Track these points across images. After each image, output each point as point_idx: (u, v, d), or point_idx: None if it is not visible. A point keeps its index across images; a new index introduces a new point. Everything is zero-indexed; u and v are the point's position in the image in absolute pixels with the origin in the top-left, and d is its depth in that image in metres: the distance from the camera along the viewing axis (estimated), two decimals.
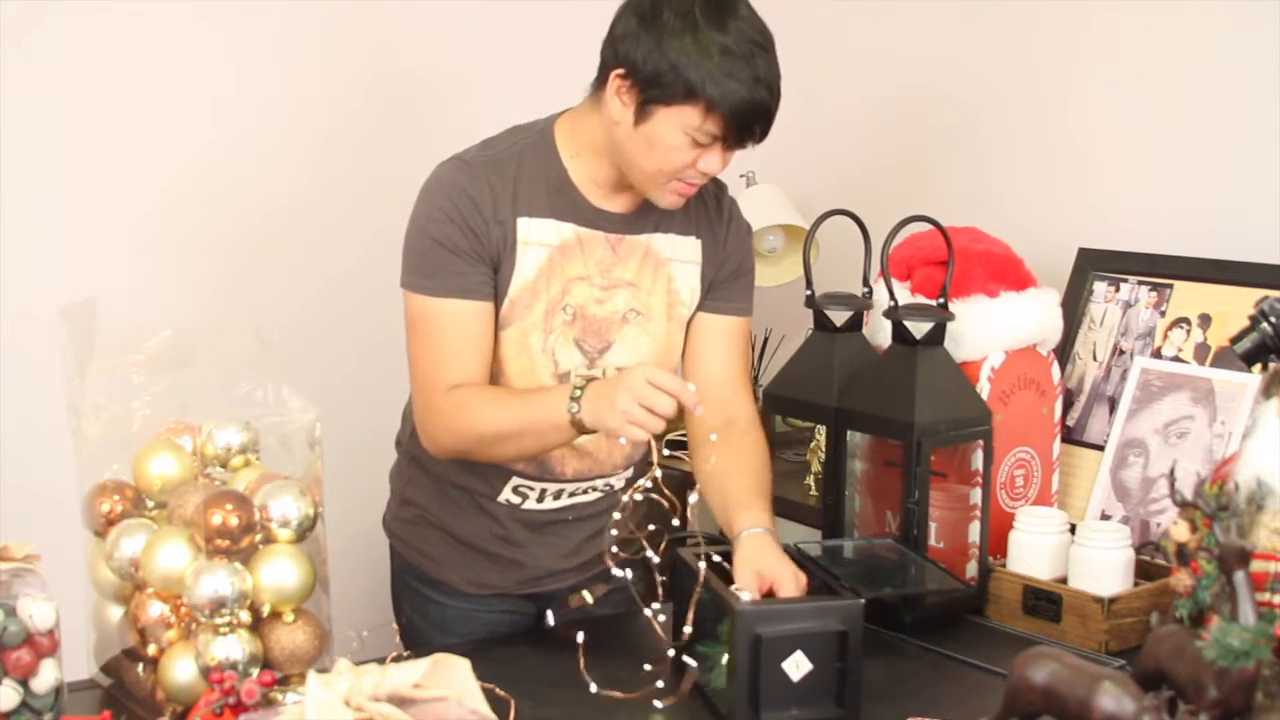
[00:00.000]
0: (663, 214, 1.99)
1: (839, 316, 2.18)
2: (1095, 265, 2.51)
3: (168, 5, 2.65)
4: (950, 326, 2.12)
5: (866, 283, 2.23)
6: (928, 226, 2.19)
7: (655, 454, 1.75)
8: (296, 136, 2.83)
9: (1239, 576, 1.39)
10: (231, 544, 1.59)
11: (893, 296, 2.12)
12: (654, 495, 1.72)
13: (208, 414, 1.73)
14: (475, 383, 1.93)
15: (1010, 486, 2.23)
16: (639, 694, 1.73)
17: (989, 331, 2.21)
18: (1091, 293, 2.50)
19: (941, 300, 2.15)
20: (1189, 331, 2.35)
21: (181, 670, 1.61)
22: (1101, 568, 2.00)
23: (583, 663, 1.74)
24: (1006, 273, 2.28)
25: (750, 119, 1.83)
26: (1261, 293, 1.79)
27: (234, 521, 1.58)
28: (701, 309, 2.06)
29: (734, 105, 1.81)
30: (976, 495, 2.10)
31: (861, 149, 3.08)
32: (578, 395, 1.80)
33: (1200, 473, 2.12)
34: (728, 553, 1.82)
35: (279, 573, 1.61)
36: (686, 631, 1.75)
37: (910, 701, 1.73)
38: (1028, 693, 1.42)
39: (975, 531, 2.10)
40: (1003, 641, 1.98)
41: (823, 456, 2.20)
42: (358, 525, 2.22)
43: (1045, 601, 2.01)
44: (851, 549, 2.09)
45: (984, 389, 2.18)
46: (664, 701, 1.72)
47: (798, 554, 1.92)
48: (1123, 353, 2.42)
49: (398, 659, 1.53)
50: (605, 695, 1.73)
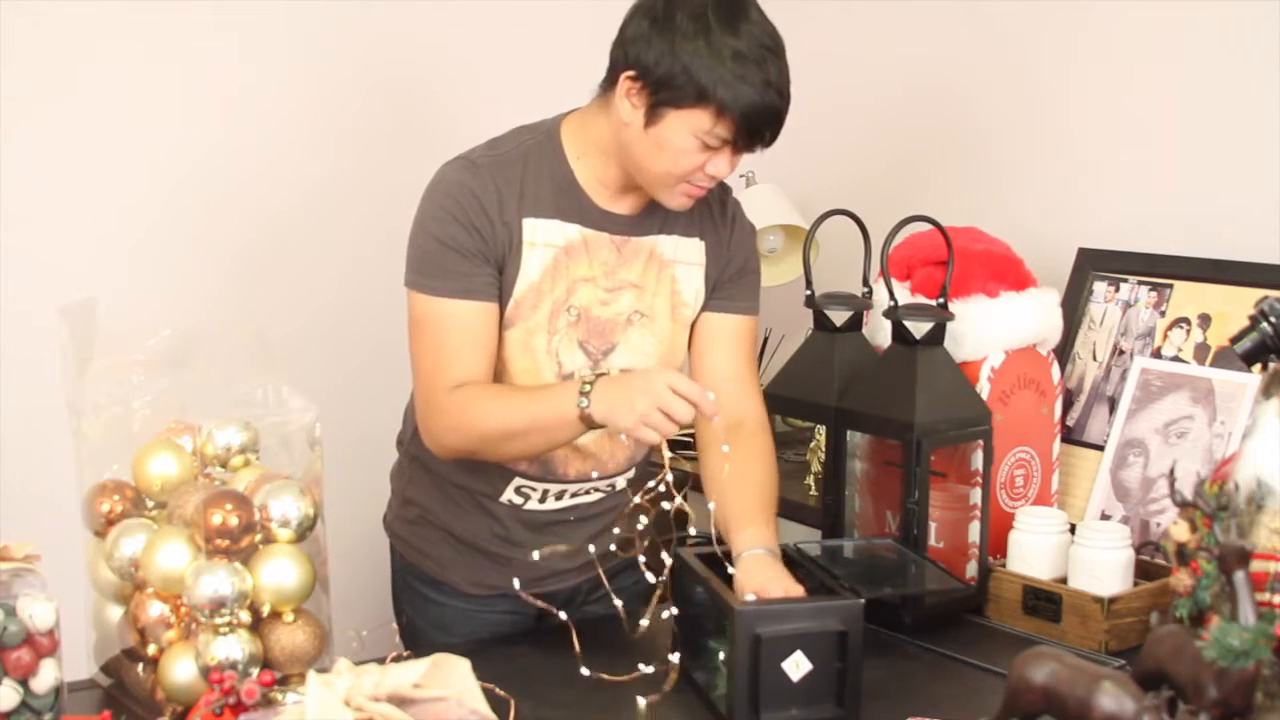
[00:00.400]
0: (667, 215, 1.99)
1: (839, 316, 2.18)
2: (1095, 265, 2.51)
3: (171, 5, 2.65)
4: (950, 326, 2.12)
5: (866, 283, 2.23)
6: (928, 226, 2.19)
7: (665, 457, 1.75)
8: (297, 137, 2.83)
9: (1239, 576, 1.39)
10: (231, 544, 1.59)
11: (893, 296, 2.12)
12: (663, 497, 1.72)
13: (208, 414, 1.73)
14: (479, 382, 1.93)
15: (1010, 486, 2.23)
16: (627, 677, 1.72)
17: (989, 331, 2.21)
18: (1091, 293, 2.50)
19: (941, 300, 2.15)
20: (1189, 331, 2.35)
21: (181, 670, 1.61)
22: (1101, 568, 2.00)
23: (577, 647, 1.75)
24: (1006, 273, 2.28)
25: (761, 123, 1.83)
26: (1261, 293, 1.79)
27: (234, 521, 1.58)
28: (707, 308, 2.06)
29: (745, 109, 1.81)
30: (976, 495, 2.10)
31: (861, 149, 3.08)
32: (587, 390, 1.80)
33: (1200, 473, 2.12)
34: (727, 552, 1.82)
35: (279, 573, 1.61)
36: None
37: (910, 701, 1.73)
38: (1028, 693, 1.42)
39: (975, 531, 2.10)
40: (1003, 641, 1.98)
41: (823, 456, 2.20)
42: (358, 525, 2.22)
43: (1045, 601, 2.01)
44: (851, 549, 2.09)
45: (984, 389, 2.18)
46: (647, 698, 1.71)
47: (797, 554, 1.92)
48: (1123, 353, 2.42)
49: (398, 659, 1.53)
50: (596, 677, 1.73)
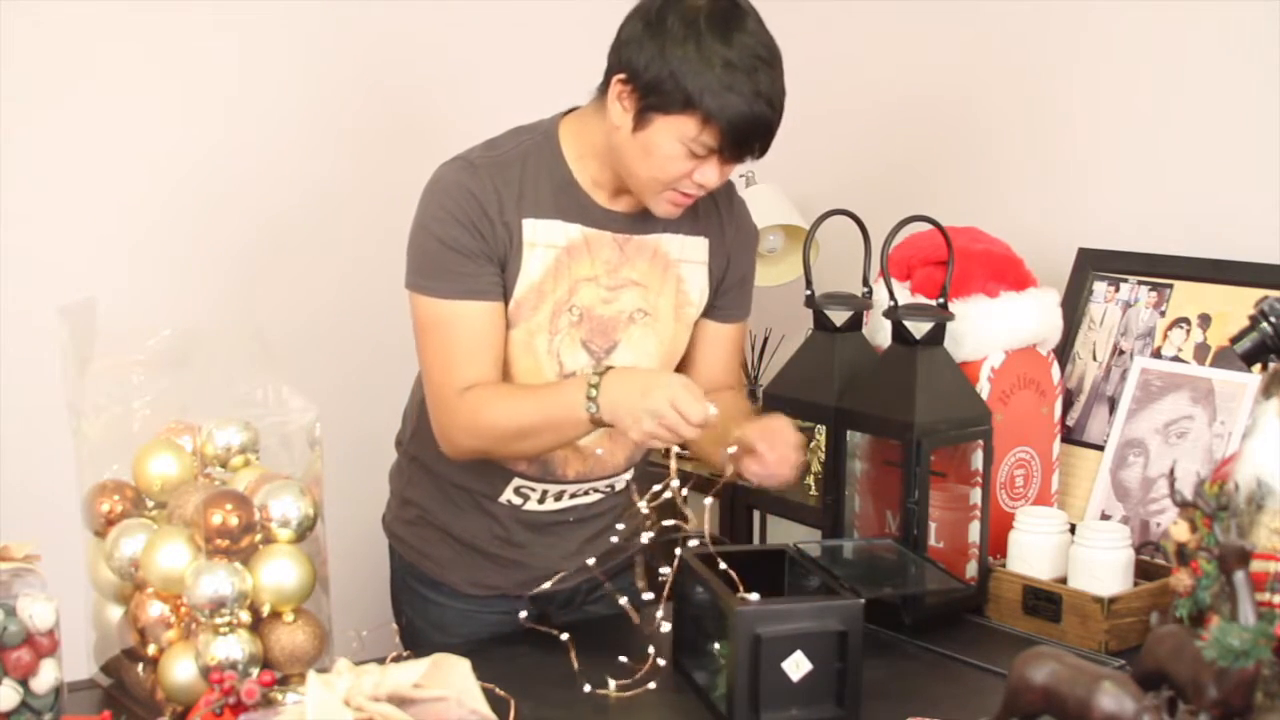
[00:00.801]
0: None
1: (839, 316, 2.18)
2: (1095, 265, 2.51)
3: (171, 6, 2.65)
4: (950, 326, 2.12)
5: (866, 283, 2.23)
6: (928, 226, 2.19)
7: (673, 464, 1.77)
8: (297, 138, 2.83)
9: (1239, 576, 1.39)
10: (231, 544, 1.59)
11: (893, 296, 2.12)
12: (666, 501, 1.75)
13: (208, 414, 1.73)
14: (489, 382, 1.92)
15: (1010, 486, 2.23)
16: (629, 693, 1.75)
17: (989, 331, 2.21)
18: (1091, 293, 2.50)
19: (941, 300, 2.15)
20: (1189, 331, 2.35)
21: (181, 670, 1.60)
22: (1101, 568, 2.00)
23: (575, 665, 1.77)
24: (1006, 273, 2.28)
25: (749, 133, 1.82)
26: (1261, 293, 1.79)
27: (234, 521, 1.58)
28: (704, 315, 2.07)
29: (732, 118, 1.80)
30: (976, 495, 2.10)
31: (861, 149, 3.08)
32: (594, 395, 1.81)
33: (1200, 473, 2.12)
34: (727, 552, 1.82)
35: (279, 573, 1.61)
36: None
37: (910, 701, 1.73)
38: (1028, 693, 1.42)
39: (975, 531, 2.10)
40: (1003, 641, 1.98)
41: (823, 456, 2.20)
42: (358, 525, 2.22)
43: (1045, 601, 2.01)
44: (851, 549, 2.09)
45: (984, 389, 2.18)
46: (630, 690, 1.74)
47: (798, 554, 1.92)
48: (1123, 353, 2.42)
49: (397, 659, 1.53)
50: (599, 694, 1.74)
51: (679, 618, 1.83)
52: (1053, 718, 1.41)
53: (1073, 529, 2.09)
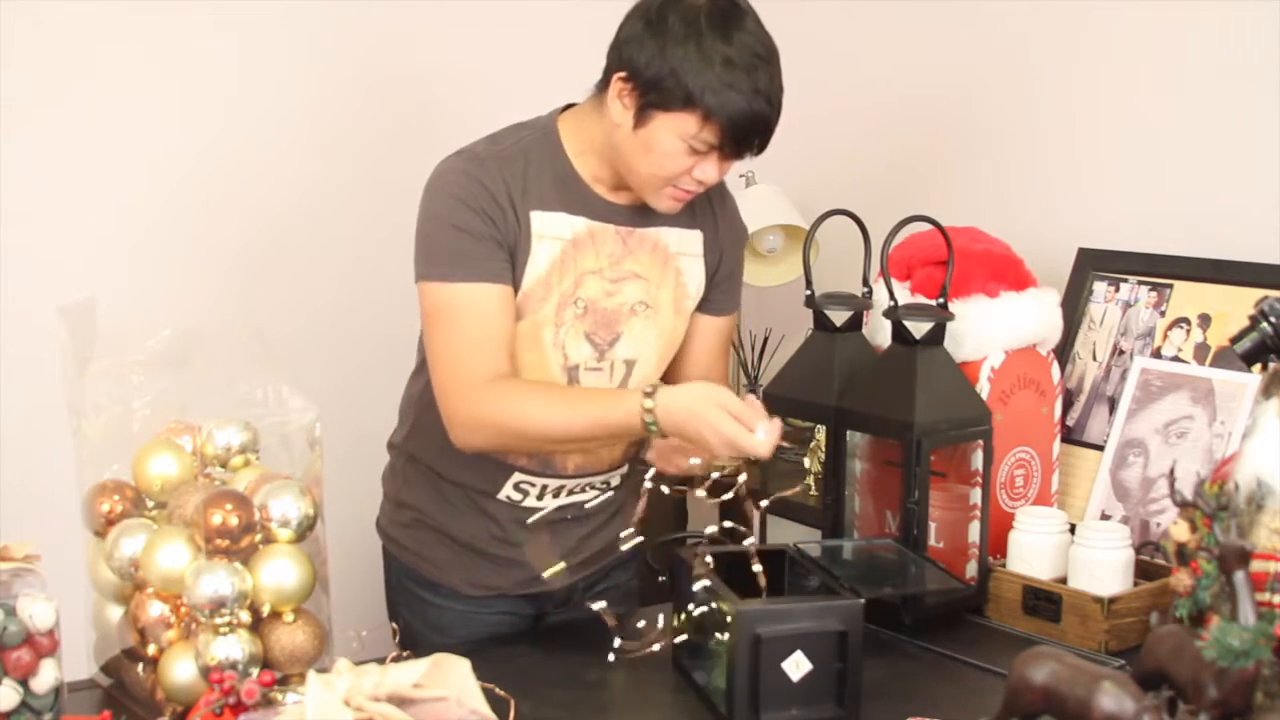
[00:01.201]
0: None
1: (839, 316, 2.18)
2: (1095, 265, 2.51)
3: (171, 6, 2.65)
4: (950, 326, 2.12)
5: (866, 283, 2.23)
6: (928, 226, 2.19)
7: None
8: (297, 138, 2.83)
9: (1239, 576, 1.39)
10: (231, 544, 1.59)
11: (892, 296, 2.12)
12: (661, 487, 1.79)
13: (208, 414, 1.73)
14: (509, 375, 1.91)
15: (1010, 486, 2.23)
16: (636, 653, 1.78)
17: (989, 331, 2.21)
18: (1091, 293, 2.50)
19: (941, 300, 2.15)
20: (1189, 331, 2.35)
21: (181, 670, 1.60)
22: (1101, 568, 2.00)
23: (611, 624, 1.81)
24: (1006, 273, 2.28)
25: (748, 130, 1.84)
26: (1261, 293, 1.79)
27: (234, 521, 1.58)
28: (696, 308, 2.08)
29: (731, 115, 1.81)
30: (976, 495, 2.10)
31: (861, 149, 3.08)
32: (653, 427, 1.81)
33: (1200, 473, 2.12)
34: (726, 552, 1.82)
35: (279, 573, 1.61)
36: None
37: (910, 701, 1.73)
38: (1028, 693, 1.42)
39: (975, 531, 2.10)
40: (1003, 641, 1.98)
41: (823, 456, 2.20)
42: (357, 525, 2.22)
43: (1045, 601, 2.01)
44: (851, 549, 2.09)
45: (984, 389, 2.18)
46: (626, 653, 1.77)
47: (798, 554, 1.92)
48: (1122, 353, 2.42)
49: (397, 659, 1.53)
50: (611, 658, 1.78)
51: (677, 614, 1.83)
52: (1053, 718, 1.41)
53: (1073, 529, 2.09)
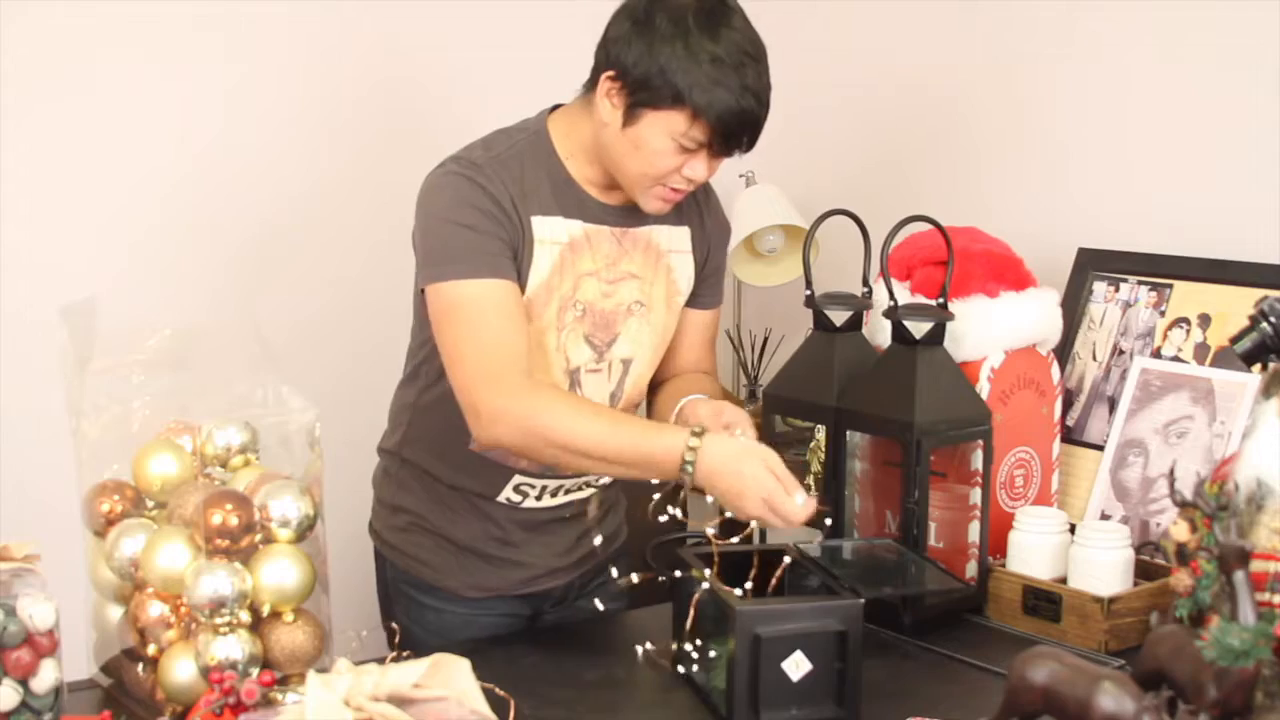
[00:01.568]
0: None
1: (839, 316, 2.18)
2: (1095, 265, 2.51)
3: (169, 5, 2.65)
4: (950, 326, 2.12)
5: (866, 283, 2.23)
6: (928, 226, 2.18)
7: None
8: (297, 137, 2.83)
9: (1239, 576, 1.39)
10: (231, 544, 1.59)
11: (892, 296, 2.12)
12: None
13: (208, 414, 1.73)
14: (551, 383, 1.93)
15: (1010, 486, 2.23)
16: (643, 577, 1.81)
17: (989, 331, 2.21)
18: (1091, 293, 2.50)
19: (941, 300, 2.15)
20: (1189, 331, 2.35)
21: (181, 670, 1.60)
22: (1101, 568, 2.00)
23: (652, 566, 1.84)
24: (1006, 273, 2.28)
25: (737, 128, 1.84)
26: (1261, 293, 1.78)
27: (234, 521, 1.58)
28: (684, 303, 2.09)
29: (720, 113, 1.81)
30: (976, 495, 2.10)
31: (861, 149, 3.08)
32: (691, 459, 1.79)
33: (1200, 473, 2.12)
34: (728, 552, 1.82)
35: (279, 573, 1.60)
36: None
37: (910, 701, 1.73)
38: (1028, 693, 1.42)
39: (975, 531, 2.10)
40: (1003, 641, 1.98)
41: (823, 456, 2.20)
42: (357, 525, 2.22)
43: (1045, 601, 2.01)
44: (851, 549, 2.09)
45: (984, 389, 2.18)
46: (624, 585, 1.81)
47: (798, 554, 1.92)
48: (1122, 353, 2.42)
49: (396, 659, 1.53)
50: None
51: (678, 617, 1.83)
52: (1053, 718, 1.41)
53: (1072, 529, 2.09)
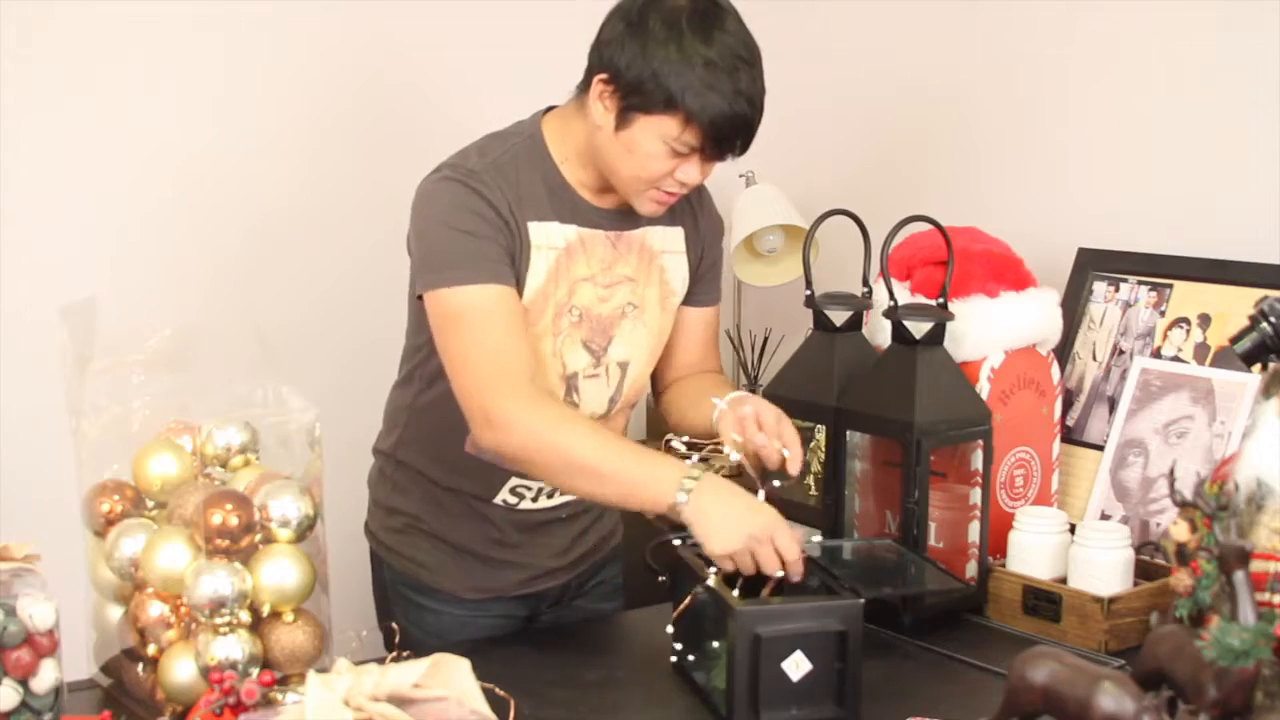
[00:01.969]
0: None
1: (839, 316, 2.18)
2: (1095, 265, 2.51)
3: (166, 7, 2.65)
4: (950, 326, 2.12)
5: (866, 283, 2.23)
6: (928, 226, 2.18)
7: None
8: (296, 137, 2.83)
9: (1239, 576, 1.39)
10: (231, 544, 1.59)
11: (892, 296, 2.12)
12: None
13: (208, 414, 1.73)
14: (557, 397, 1.92)
15: (1010, 486, 2.23)
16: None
17: (989, 331, 2.21)
18: (1091, 293, 2.50)
19: (941, 300, 2.15)
20: (1189, 331, 2.35)
21: (181, 670, 1.60)
22: (1101, 568, 2.00)
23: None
24: (1006, 273, 2.28)
25: (729, 132, 1.83)
26: (1261, 293, 1.78)
27: (234, 521, 1.58)
28: (681, 302, 2.09)
29: (713, 117, 1.80)
30: (976, 495, 2.10)
31: (861, 149, 3.08)
32: (689, 489, 1.74)
33: (1200, 473, 2.12)
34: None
35: (279, 573, 1.60)
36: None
37: (910, 701, 1.73)
38: (1028, 693, 1.42)
39: (975, 531, 2.10)
40: (1003, 641, 1.98)
41: (823, 456, 2.20)
42: (356, 525, 2.22)
43: (1045, 601, 2.01)
44: (851, 549, 2.09)
45: (984, 389, 2.18)
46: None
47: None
48: (1122, 353, 2.42)
49: (397, 659, 1.53)
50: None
51: (678, 617, 1.83)
52: (1053, 718, 1.41)
53: (1072, 529, 2.09)
